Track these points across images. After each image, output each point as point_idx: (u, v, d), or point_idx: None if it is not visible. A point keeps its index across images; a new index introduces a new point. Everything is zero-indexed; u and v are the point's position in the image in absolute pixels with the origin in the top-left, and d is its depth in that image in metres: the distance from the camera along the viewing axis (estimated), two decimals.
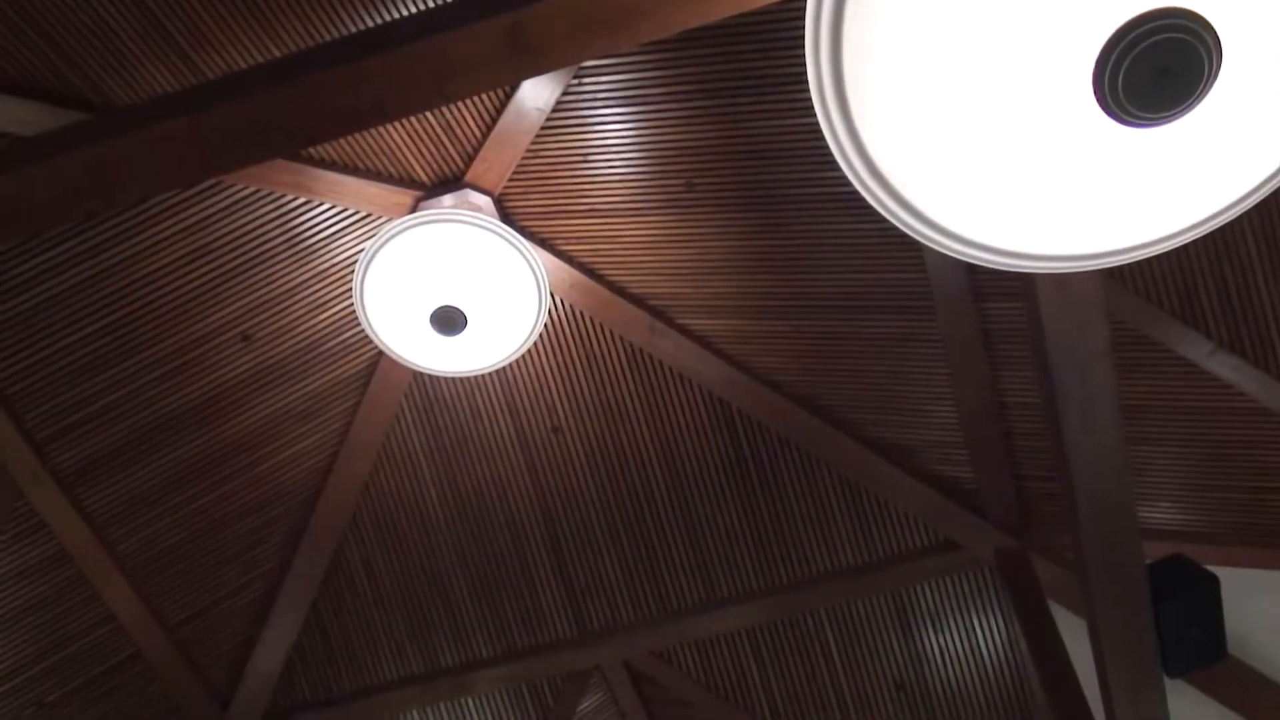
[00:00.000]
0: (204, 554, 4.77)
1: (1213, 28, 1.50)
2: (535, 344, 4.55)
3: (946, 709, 5.06)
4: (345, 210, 4.11)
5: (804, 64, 1.74)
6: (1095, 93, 1.57)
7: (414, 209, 4.08)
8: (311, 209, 4.08)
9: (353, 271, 4.22)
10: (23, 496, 4.34)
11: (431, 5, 3.49)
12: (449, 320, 3.78)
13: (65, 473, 4.34)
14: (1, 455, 4.20)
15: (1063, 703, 4.07)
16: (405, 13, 3.51)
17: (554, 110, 3.87)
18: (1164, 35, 1.50)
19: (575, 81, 3.79)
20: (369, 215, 4.14)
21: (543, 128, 3.93)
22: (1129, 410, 4.10)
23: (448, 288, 3.77)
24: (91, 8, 3.39)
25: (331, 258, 4.22)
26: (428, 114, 3.87)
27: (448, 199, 4.04)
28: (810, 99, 1.75)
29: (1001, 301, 4.01)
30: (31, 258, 3.88)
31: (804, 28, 1.67)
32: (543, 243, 4.30)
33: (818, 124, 1.77)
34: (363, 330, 4.39)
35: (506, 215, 4.22)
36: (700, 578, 5.00)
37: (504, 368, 4.59)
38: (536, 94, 3.79)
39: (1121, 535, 3.02)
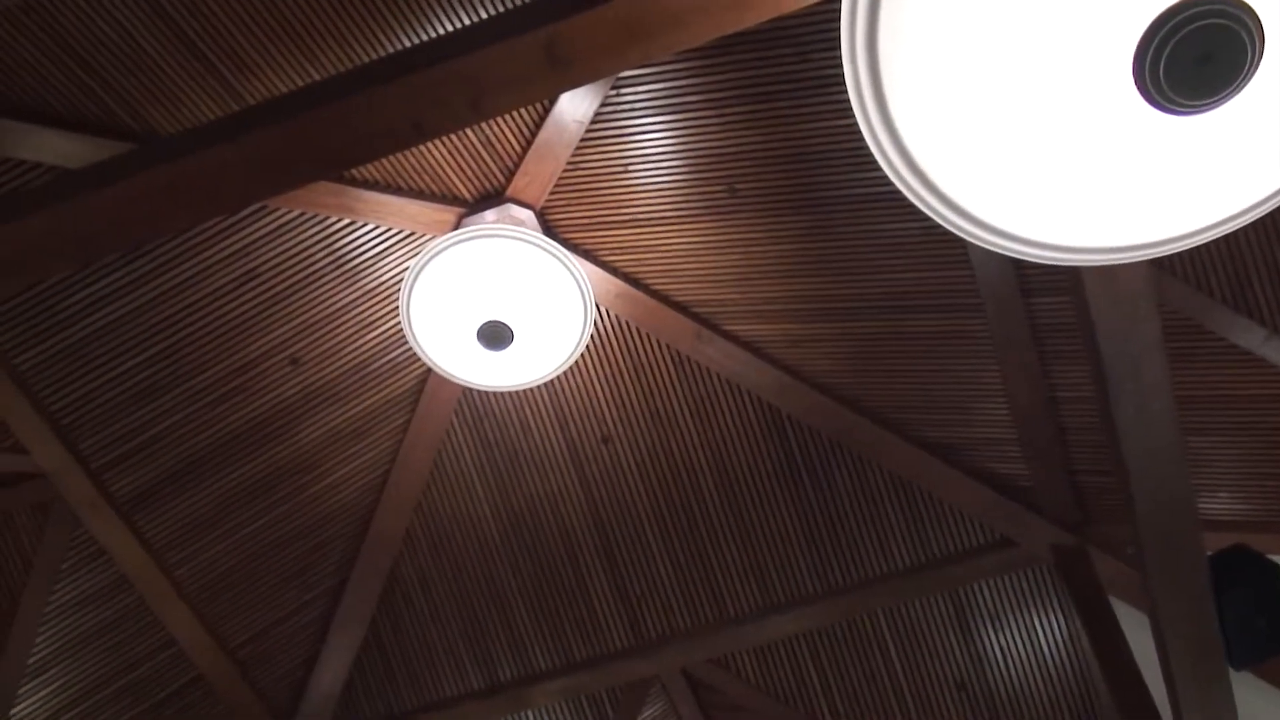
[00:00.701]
0: (262, 576, 4.81)
1: (1255, 13, 1.48)
2: (582, 355, 4.55)
3: (1009, 708, 5.01)
4: (389, 229, 4.14)
5: (841, 64, 1.73)
6: (1136, 81, 1.56)
7: (457, 225, 4.10)
8: (356, 229, 4.10)
9: (399, 290, 4.25)
10: (81, 525, 4.39)
11: (467, 23, 3.50)
12: (496, 335, 3.79)
13: (122, 500, 4.38)
14: (59, 484, 4.24)
15: (1128, 699, 4.03)
16: (441, 31, 3.52)
17: (593, 122, 3.87)
18: (1205, 21, 1.48)
19: (613, 92, 3.79)
20: (413, 234, 4.16)
21: (582, 140, 3.94)
22: (1184, 400, 4.05)
23: (493, 303, 3.78)
24: (134, 40, 3.44)
25: (377, 277, 4.24)
26: (467, 130, 3.88)
27: (490, 214, 4.06)
28: (849, 99, 1.74)
29: (1049, 296, 3.98)
30: (82, 288, 3.93)
31: (840, 28, 1.66)
32: (586, 254, 4.30)
33: (857, 124, 1.77)
34: (410, 348, 4.41)
35: (549, 228, 4.23)
36: (756, 583, 4.99)
37: (552, 380, 4.60)
38: (575, 106, 3.80)
39: (1181, 527, 2.99)
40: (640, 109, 3.83)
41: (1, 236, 2.08)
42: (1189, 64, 1.51)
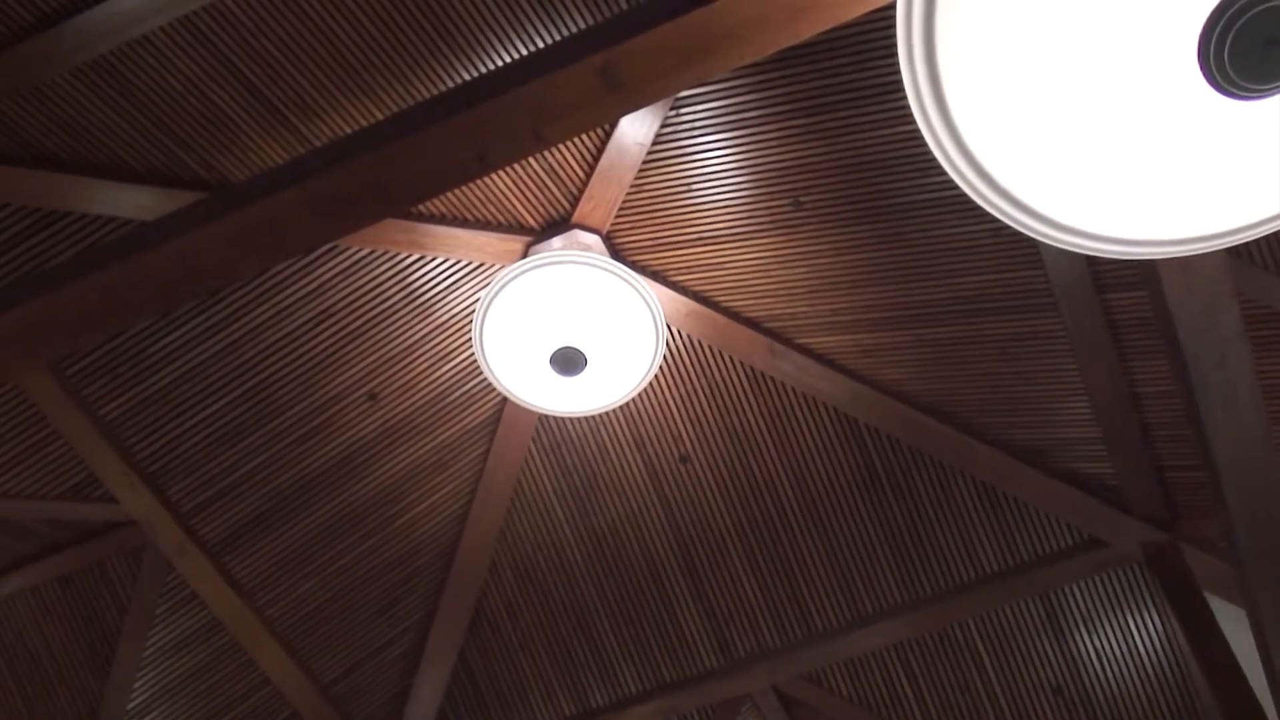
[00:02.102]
0: (351, 611, 4.85)
1: None
2: (656, 376, 4.55)
3: (1108, 711, 4.93)
4: (459, 262, 4.17)
5: (900, 70, 1.73)
6: (1201, 67, 1.54)
7: (525, 254, 4.13)
8: (426, 264, 4.14)
9: (471, 321, 4.28)
10: (173, 569, 4.46)
11: (523, 53, 3.53)
12: (569, 361, 3.80)
13: (211, 543, 4.45)
14: (149, 531, 4.32)
15: (1229, 696, 3.95)
16: (499, 63, 3.56)
17: (654, 143, 3.89)
18: (1270, 4, 1.46)
19: (673, 113, 3.80)
20: (482, 265, 4.20)
21: (645, 161, 3.95)
22: (1269, 390, 3.98)
23: (565, 329, 3.80)
24: (202, 92, 3.50)
25: (449, 310, 4.28)
26: (530, 159, 3.91)
27: (557, 241, 4.08)
28: (909, 104, 1.73)
29: (1125, 291, 3.93)
30: (163, 336, 4.00)
31: (896, 34, 1.66)
32: (655, 275, 4.31)
33: (919, 129, 1.76)
34: (485, 378, 4.44)
35: (616, 251, 4.24)
36: (843, 596, 4.95)
37: (627, 402, 4.61)
38: (636, 129, 3.81)
39: (1275, 518, 2.94)
40: (701, 128, 3.83)
41: (81, 290, 2.12)
42: (1255, 48, 1.49)
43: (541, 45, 3.52)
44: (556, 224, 4.13)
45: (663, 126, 3.84)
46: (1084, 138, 1.67)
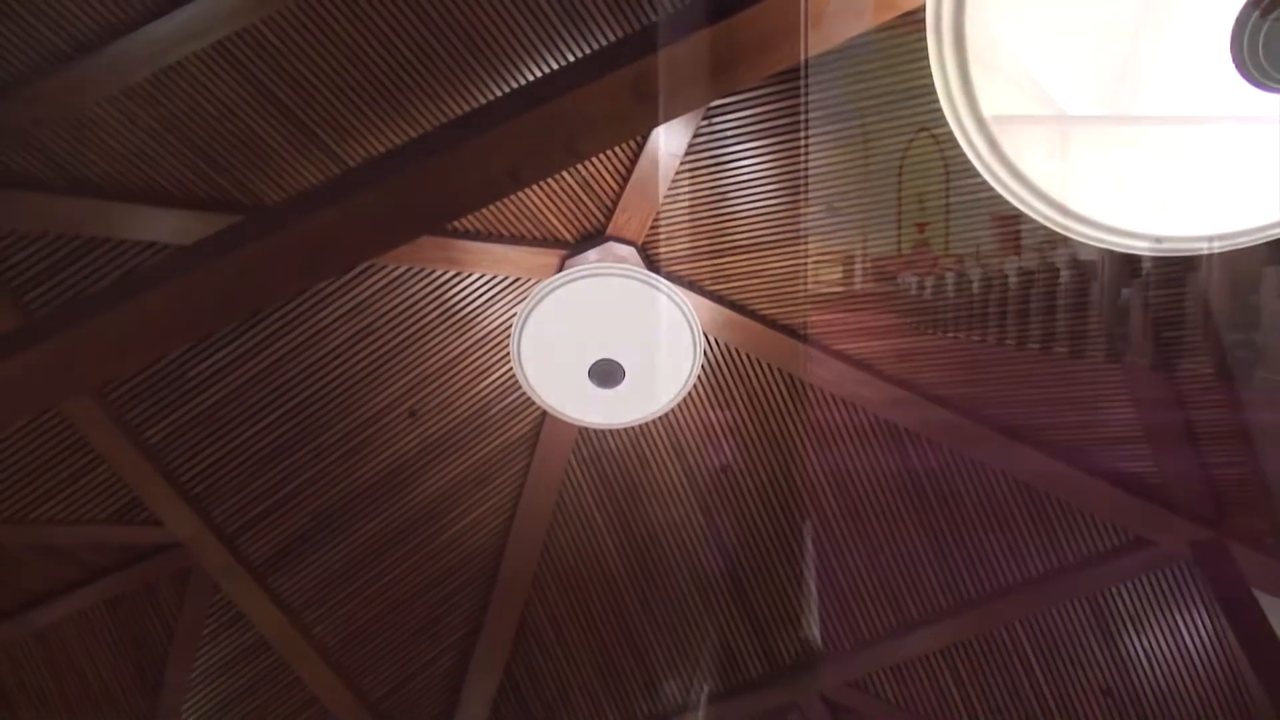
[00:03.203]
0: (397, 628, 4.87)
1: None
2: (695, 385, 4.55)
3: (1159, 711, 4.88)
4: (495, 277, 4.18)
5: (930, 74, 1.73)
6: (1234, 60, 1.53)
7: (560, 268, 4.13)
8: (462, 280, 4.16)
9: (508, 336, 4.29)
10: (219, 590, 4.49)
11: (554, 68, 3.54)
12: (607, 373, 3.80)
13: (256, 563, 4.48)
14: (195, 552, 4.35)
15: None
16: (530, 78, 3.57)
17: (687, 153, 3.89)
18: None
19: (705, 122, 3.80)
20: (518, 279, 4.20)
21: (678, 172, 3.95)
22: None
23: (603, 341, 3.80)
24: (234, 115, 3.53)
25: (486, 325, 4.29)
26: (564, 173, 3.92)
27: (592, 254, 4.08)
28: (941, 106, 1.73)
29: (1166, 288, 3.90)
30: (204, 358, 4.03)
31: (926, 36, 1.66)
32: (690, 285, 4.31)
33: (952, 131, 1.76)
34: (524, 393, 4.44)
35: (651, 262, 4.24)
36: (887, 602, 4.93)
37: (666, 412, 4.60)
38: (668, 140, 3.82)
39: None
40: (733, 136, 3.83)
41: (121, 316, 2.14)
42: None
43: (572, 60, 3.53)
44: (591, 237, 4.14)
45: (695, 136, 3.85)
46: (1117, 134, 1.67)
